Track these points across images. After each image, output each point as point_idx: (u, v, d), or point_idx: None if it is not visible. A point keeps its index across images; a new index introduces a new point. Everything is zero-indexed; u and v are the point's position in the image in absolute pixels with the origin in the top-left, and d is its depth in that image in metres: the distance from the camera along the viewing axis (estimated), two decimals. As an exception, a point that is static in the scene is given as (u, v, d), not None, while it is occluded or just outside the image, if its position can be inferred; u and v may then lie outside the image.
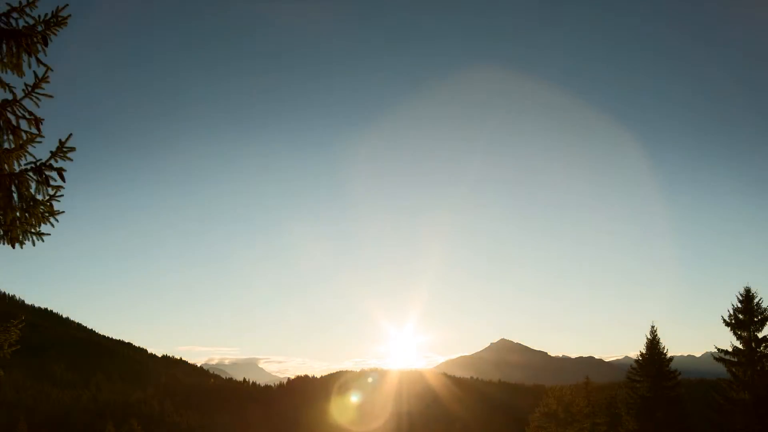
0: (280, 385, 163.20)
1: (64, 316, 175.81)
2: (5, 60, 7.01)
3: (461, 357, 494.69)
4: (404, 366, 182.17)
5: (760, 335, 27.80)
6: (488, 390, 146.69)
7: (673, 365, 34.18)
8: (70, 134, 7.16)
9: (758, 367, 27.57)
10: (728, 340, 32.92)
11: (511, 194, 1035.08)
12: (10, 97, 7.00)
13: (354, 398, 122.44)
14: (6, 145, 7.06)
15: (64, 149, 7.13)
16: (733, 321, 28.32)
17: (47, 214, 7.34)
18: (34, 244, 7.48)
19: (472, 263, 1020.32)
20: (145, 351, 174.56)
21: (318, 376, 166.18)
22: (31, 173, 7.10)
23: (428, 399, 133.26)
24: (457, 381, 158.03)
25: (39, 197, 7.21)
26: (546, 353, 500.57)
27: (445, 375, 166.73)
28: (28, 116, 7.10)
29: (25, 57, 7.09)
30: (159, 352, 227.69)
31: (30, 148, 7.16)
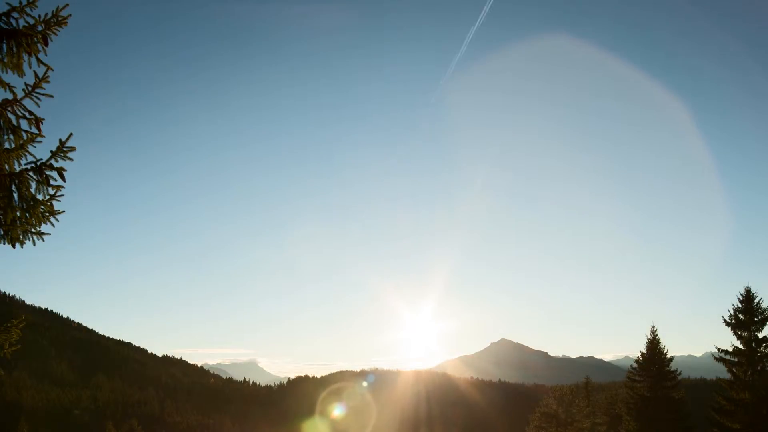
0: (280, 385, 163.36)
1: (64, 316, 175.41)
2: (5, 60, 6.99)
3: (461, 357, 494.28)
4: (404, 366, 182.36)
5: (760, 335, 27.75)
6: (488, 390, 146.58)
7: (673, 365, 34.14)
8: (71, 134, 7.15)
9: (758, 367, 27.52)
10: (729, 340, 32.93)
11: (512, 194, 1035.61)
12: (10, 96, 6.98)
13: (353, 398, 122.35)
14: (6, 145, 7.05)
15: (65, 149, 7.11)
16: (733, 321, 28.26)
17: (47, 214, 7.32)
18: (34, 244, 7.45)
19: (472, 263, 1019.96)
20: (146, 351, 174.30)
21: (318, 376, 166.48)
22: (31, 173, 7.08)
23: (427, 399, 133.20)
24: (457, 381, 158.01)
25: (39, 197, 7.18)
26: (546, 353, 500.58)
27: (446, 375, 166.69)
28: (28, 116, 7.08)
29: (25, 57, 7.07)
30: (159, 352, 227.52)
31: (30, 148, 7.14)
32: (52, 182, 7.16)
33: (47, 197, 7.23)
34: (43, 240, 7.43)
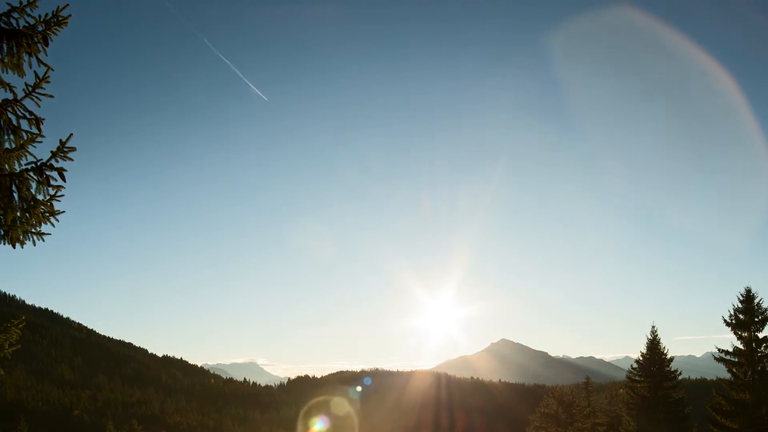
0: (281, 386, 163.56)
1: (64, 316, 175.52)
2: (6, 60, 6.98)
3: (461, 357, 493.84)
4: (404, 367, 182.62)
5: (760, 335, 27.74)
6: (488, 390, 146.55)
7: (673, 365, 34.13)
8: (71, 134, 7.14)
9: (759, 368, 27.51)
10: (729, 341, 32.91)
11: (513, 196, 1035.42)
12: (10, 96, 6.98)
13: (353, 397, 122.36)
14: (6, 145, 7.04)
15: (65, 149, 7.10)
16: (733, 321, 28.23)
17: (48, 214, 7.31)
18: (34, 244, 7.45)
19: (473, 264, 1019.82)
20: (146, 351, 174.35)
21: (318, 376, 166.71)
22: (31, 173, 7.07)
23: (426, 399, 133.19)
24: (456, 381, 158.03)
25: (39, 197, 7.18)
26: (546, 353, 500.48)
27: (445, 375, 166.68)
28: (28, 116, 7.07)
29: (25, 57, 7.06)
30: (159, 353, 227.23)
31: (30, 148, 7.13)
32: (52, 182, 7.16)
33: (47, 197, 7.22)
34: (44, 240, 7.43)
